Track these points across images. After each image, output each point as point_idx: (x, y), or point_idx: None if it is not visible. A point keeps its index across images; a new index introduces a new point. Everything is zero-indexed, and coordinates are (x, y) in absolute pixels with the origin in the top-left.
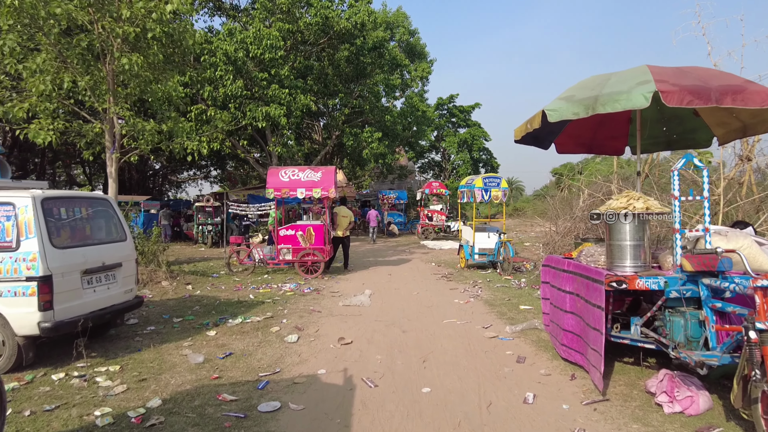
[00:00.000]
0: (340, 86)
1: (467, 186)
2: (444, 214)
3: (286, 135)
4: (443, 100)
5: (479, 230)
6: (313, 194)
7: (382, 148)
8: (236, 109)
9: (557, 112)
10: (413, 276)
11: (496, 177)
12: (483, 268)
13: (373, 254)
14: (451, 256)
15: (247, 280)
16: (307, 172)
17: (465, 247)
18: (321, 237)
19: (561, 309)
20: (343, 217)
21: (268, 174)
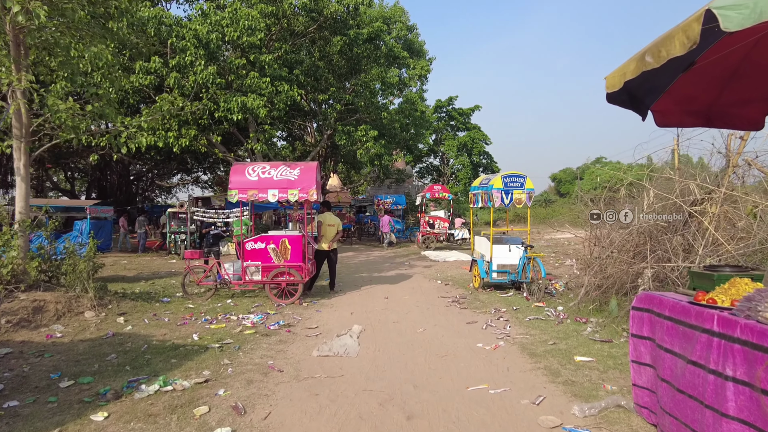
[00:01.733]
0: (332, 79)
1: (482, 187)
2: (447, 221)
3: (268, 131)
4: (442, 102)
5: (498, 242)
6: (288, 197)
7: (378, 148)
8: (209, 100)
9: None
10: (416, 300)
11: (518, 176)
12: (501, 288)
13: (367, 267)
14: (459, 272)
15: (201, 308)
16: (281, 168)
17: (480, 262)
18: (299, 251)
19: (704, 403)
20: (329, 226)
21: (231, 171)
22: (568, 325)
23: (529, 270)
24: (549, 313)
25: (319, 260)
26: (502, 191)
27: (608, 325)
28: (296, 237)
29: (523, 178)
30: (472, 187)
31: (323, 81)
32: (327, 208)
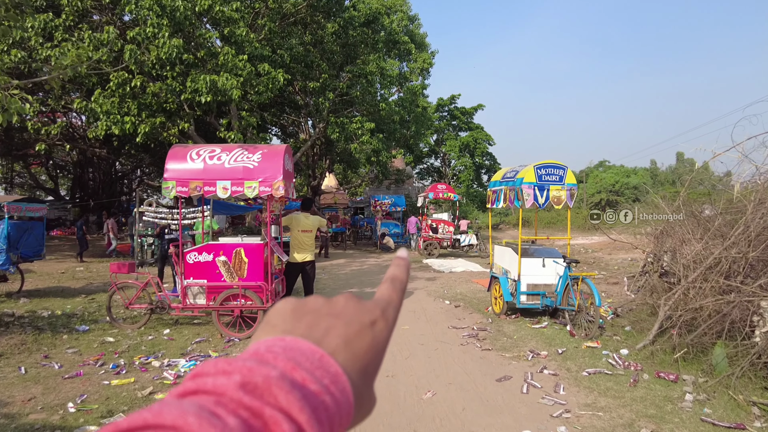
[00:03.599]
0: (324, 66)
1: (507, 182)
2: (452, 225)
3: (246, 117)
4: (444, 101)
5: (527, 254)
6: (244, 191)
7: (375, 143)
8: (174, 79)
9: None
10: (420, 333)
11: (557, 166)
12: (530, 314)
13: (359, 279)
14: (470, 287)
15: (122, 344)
16: (236, 152)
17: (503, 280)
18: (259, 266)
19: None
20: (303, 232)
21: (168, 156)
22: (650, 385)
23: (573, 294)
24: (612, 362)
25: (291, 276)
26: (534, 187)
27: (718, 390)
28: (255, 246)
29: (562, 170)
30: (492, 183)
31: (315, 68)
32: (305, 207)
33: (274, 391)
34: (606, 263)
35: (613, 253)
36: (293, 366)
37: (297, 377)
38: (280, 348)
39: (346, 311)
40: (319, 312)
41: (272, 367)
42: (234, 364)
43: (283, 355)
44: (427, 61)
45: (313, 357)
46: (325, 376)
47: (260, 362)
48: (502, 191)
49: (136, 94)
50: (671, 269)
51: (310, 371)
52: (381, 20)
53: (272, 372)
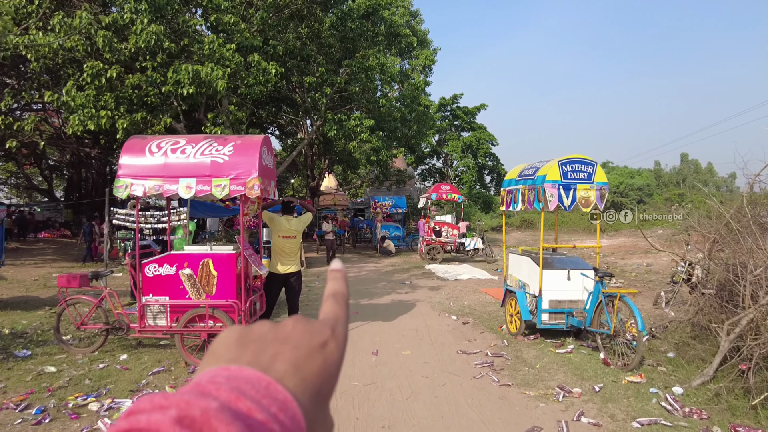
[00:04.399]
0: (321, 59)
1: (525, 180)
2: (456, 228)
3: (233, 112)
4: (446, 100)
5: (549, 265)
6: (212, 191)
7: (375, 141)
8: (154, 70)
9: None
10: (423, 360)
11: (585, 161)
12: (552, 334)
13: (355, 289)
14: (479, 298)
15: (65, 375)
16: (203, 145)
17: (520, 295)
18: (230, 280)
19: None
20: (285, 238)
21: (123, 149)
22: None
23: (608, 315)
24: (666, 406)
25: (271, 291)
26: (559, 186)
27: None
28: (226, 257)
29: (591, 166)
30: (506, 181)
31: (311, 62)
32: (286, 210)
33: (213, 424)
34: (621, 269)
35: (626, 258)
36: (237, 396)
37: (241, 407)
38: (224, 378)
39: (293, 335)
40: (265, 338)
41: (213, 398)
42: (171, 399)
43: (226, 385)
44: (429, 58)
45: (260, 385)
46: (273, 404)
47: (200, 394)
48: (519, 191)
49: (113, 86)
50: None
51: (256, 400)
52: (381, 12)
53: (212, 404)
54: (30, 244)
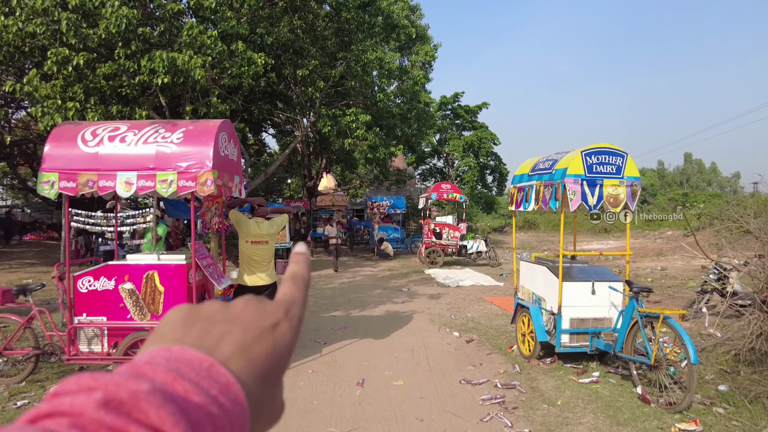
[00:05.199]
0: (314, 51)
1: (540, 175)
2: (458, 229)
3: (214, 103)
4: (447, 99)
5: (569, 277)
6: (156, 187)
7: (372, 137)
8: (127, 58)
9: None
10: (420, 393)
11: (613, 152)
12: (571, 358)
13: (347, 298)
14: (484, 309)
15: None
16: (148, 131)
17: (534, 312)
18: (180, 296)
19: None
20: (254, 244)
21: (50, 138)
22: None
23: (647, 341)
24: None
25: None
26: (582, 181)
27: None
28: (175, 268)
29: (621, 157)
30: (517, 177)
31: (305, 55)
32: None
33: (143, 407)
34: (635, 274)
35: (637, 261)
36: (174, 377)
37: (178, 389)
38: (163, 359)
39: (244, 315)
40: (213, 318)
41: (147, 380)
42: (99, 380)
43: (164, 366)
44: (430, 54)
45: (201, 366)
46: (213, 386)
47: (132, 376)
48: (532, 188)
49: (82, 75)
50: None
51: (195, 382)
52: (378, 3)
53: (142, 386)
54: (12, 247)
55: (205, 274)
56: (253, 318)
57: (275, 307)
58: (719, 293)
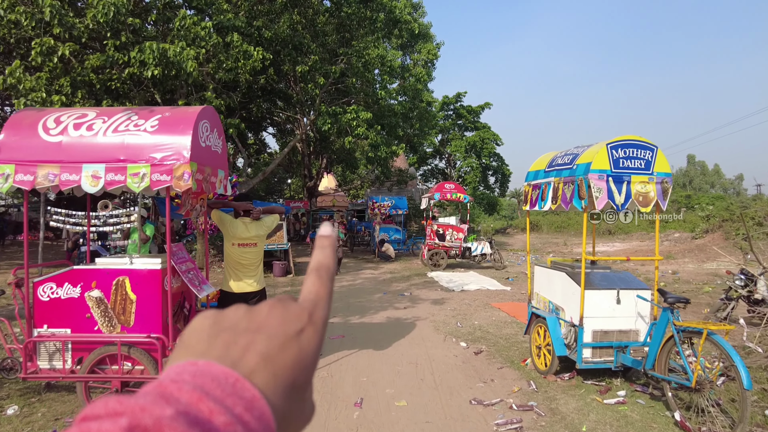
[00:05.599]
0: (314, 47)
1: (559, 171)
2: (462, 231)
3: (208, 97)
4: (449, 98)
5: (591, 285)
6: (127, 182)
7: (372, 136)
8: (116, 50)
9: None
10: (425, 417)
11: (642, 145)
12: (593, 374)
13: (346, 303)
14: (492, 316)
15: None
16: (119, 118)
17: (551, 323)
18: (154, 306)
19: None
20: (242, 247)
21: (6, 125)
22: None
23: (686, 360)
24: None
25: None
26: (609, 177)
27: None
28: (149, 274)
29: (650, 151)
30: (531, 174)
31: (304, 51)
32: (244, 211)
33: None
34: (645, 278)
35: (646, 264)
36: (199, 397)
37: (203, 410)
38: (189, 375)
39: (268, 323)
40: (237, 327)
41: (173, 402)
42: (126, 404)
43: (190, 385)
44: (432, 53)
45: (226, 382)
46: (238, 404)
47: (159, 398)
48: (549, 185)
49: (69, 67)
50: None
51: (220, 400)
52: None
53: (166, 410)
54: (5, 247)
55: (184, 280)
56: (278, 325)
57: (300, 311)
58: (746, 301)
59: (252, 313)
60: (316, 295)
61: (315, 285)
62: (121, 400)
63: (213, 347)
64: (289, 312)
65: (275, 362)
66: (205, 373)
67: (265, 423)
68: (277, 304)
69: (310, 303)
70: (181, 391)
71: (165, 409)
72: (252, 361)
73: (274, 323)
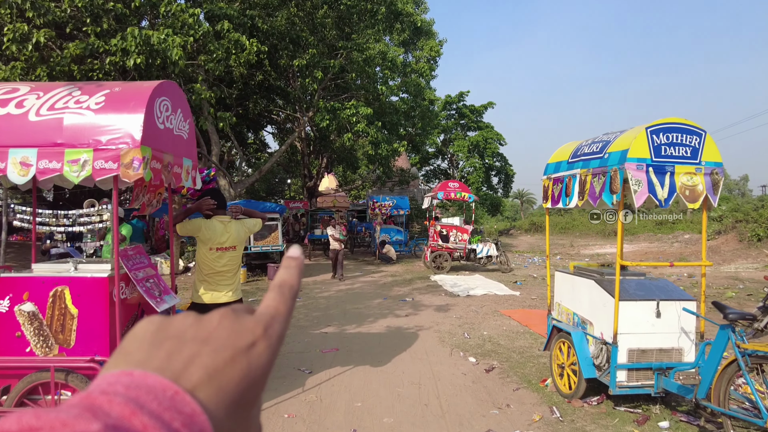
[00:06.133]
0: (312, 40)
1: (586, 161)
2: (466, 231)
3: (199, 90)
4: (452, 98)
5: (627, 295)
6: (64, 170)
7: (373, 132)
8: (96, 37)
9: None
10: None
11: (687, 128)
12: (625, 399)
13: (342, 310)
14: (500, 324)
15: None
16: (57, 94)
17: (578, 339)
18: (100, 322)
19: None
20: (220, 251)
21: None
22: None
23: (754, 390)
24: None
25: None
26: (649, 167)
27: None
28: (93, 283)
29: (698, 136)
30: (551, 166)
31: (302, 44)
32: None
33: None
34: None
35: (659, 267)
36: (132, 410)
37: (136, 425)
38: (123, 386)
39: (217, 334)
40: (184, 336)
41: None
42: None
43: (122, 397)
44: (435, 49)
45: (164, 395)
46: (176, 419)
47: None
48: (574, 178)
49: (46, 56)
50: None
51: (156, 415)
52: None
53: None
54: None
55: (139, 290)
56: (227, 337)
57: (254, 324)
58: None
59: (201, 322)
60: (275, 309)
61: (275, 300)
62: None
63: (153, 356)
64: (241, 323)
65: (221, 377)
66: (141, 385)
67: None
68: (229, 314)
69: (267, 317)
70: (111, 403)
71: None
72: (195, 373)
73: (223, 334)
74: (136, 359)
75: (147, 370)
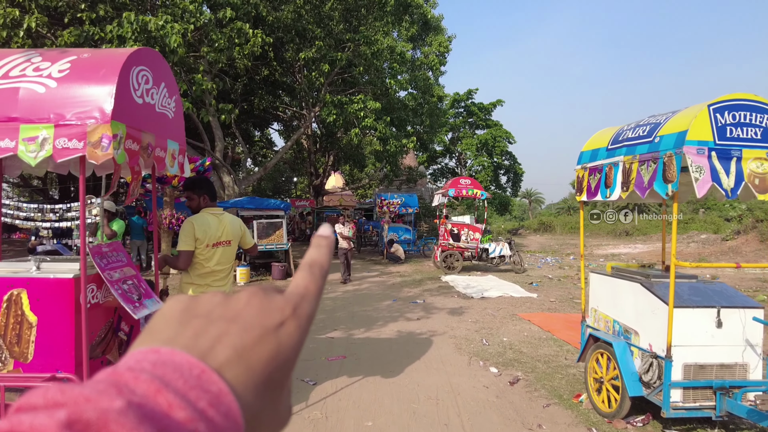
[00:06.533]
0: (318, 32)
1: (633, 145)
2: (479, 230)
3: (199, 80)
4: (460, 96)
5: (681, 301)
6: (18, 149)
7: (381, 127)
8: (92, 23)
9: None
10: None
11: (758, 105)
12: (681, 423)
13: (349, 313)
14: (520, 330)
15: None
16: (12, 61)
17: (620, 350)
18: (63, 332)
19: None
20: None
21: None
22: None
23: None
24: None
25: None
26: (711, 151)
27: None
28: (55, 284)
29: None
30: (586, 153)
31: (308, 37)
32: (210, 196)
33: (112, 429)
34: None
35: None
36: (158, 388)
37: (160, 402)
38: (149, 364)
39: (246, 313)
40: (212, 314)
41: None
42: (69, 393)
43: (148, 374)
44: (444, 45)
45: (191, 374)
46: (202, 398)
47: (110, 387)
48: (617, 167)
49: (39, 44)
50: None
51: (182, 393)
52: None
53: (115, 402)
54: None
55: (113, 293)
56: (256, 316)
57: (283, 303)
58: None
59: (229, 300)
60: (305, 289)
61: (305, 279)
62: (63, 389)
63: (181, 335)
64: (270, 302)
65: (249, 356)
66: (168, 363)
67: (231, 420)
68: (258, 293)
69: (297, 296)
70: (137, 380)
71: (114, 401)
72: (223, 352)
73: (252, 313)
74: (163, 337)
75: (174, 348)
